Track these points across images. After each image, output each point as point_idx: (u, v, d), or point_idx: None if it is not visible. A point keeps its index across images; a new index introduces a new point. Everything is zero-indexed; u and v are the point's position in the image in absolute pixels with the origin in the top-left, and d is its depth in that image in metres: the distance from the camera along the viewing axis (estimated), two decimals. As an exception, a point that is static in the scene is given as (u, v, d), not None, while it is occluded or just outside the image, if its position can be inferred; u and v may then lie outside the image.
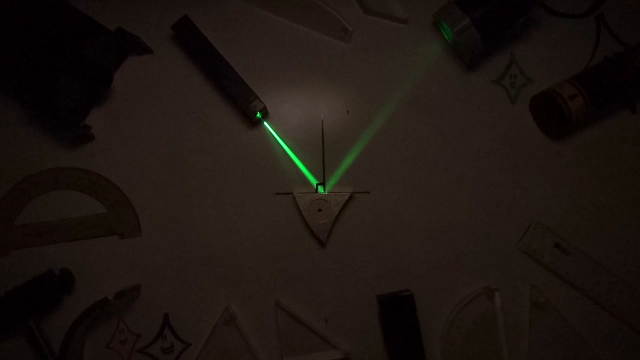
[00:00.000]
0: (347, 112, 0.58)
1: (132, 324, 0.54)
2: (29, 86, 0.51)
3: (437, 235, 0.56)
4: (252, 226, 0.56)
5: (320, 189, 0.56)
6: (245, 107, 0.55)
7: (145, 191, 0.56)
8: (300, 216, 0.55)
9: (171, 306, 0.55)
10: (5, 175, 0.55)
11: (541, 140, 0.58)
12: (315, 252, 0.56)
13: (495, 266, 0.56)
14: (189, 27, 0.55)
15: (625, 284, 0.55)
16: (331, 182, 0.56)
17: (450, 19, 0.54)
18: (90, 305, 0.51)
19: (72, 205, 0.55)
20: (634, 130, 0.59)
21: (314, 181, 0.56)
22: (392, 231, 0.56)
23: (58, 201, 0.55)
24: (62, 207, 0.55)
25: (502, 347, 0.54)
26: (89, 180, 0.55)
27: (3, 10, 0.49)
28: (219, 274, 0.55)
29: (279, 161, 0.57)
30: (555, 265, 0.56)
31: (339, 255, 0.56)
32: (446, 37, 0.58)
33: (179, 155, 0.56)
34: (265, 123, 0.57)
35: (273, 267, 0.55)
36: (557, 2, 0.60)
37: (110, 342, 0.54)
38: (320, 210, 0.55)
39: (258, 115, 0.55)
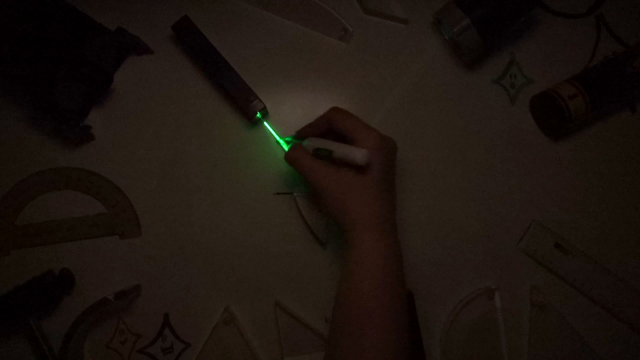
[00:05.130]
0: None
1: (132, 324, 0.54)
2: (29, 86, 0.51)
3: (436, 235, 0.56)
4: (252, 226, 0.56)
5: (320, 189, 0.56)
6: (245, 107, 0.55)
7: (145, 191, 0.56)
8: (300, 216, 0.55)
9: (171, 306, 0.55)
10: (5, 175, 0.55)
11: (541, 140, 0.58)
12: (315, 252, 0.56)
13: (495, 266, 0.56)
14: (189, 27, 0.55)
15: (625, 284, 0.56)
16: (331, 182, 0.56)
17: (450, 19, 0.54)
18: (90, 305, 0.51)
19: (72, 205, 0.55)
20: (634, 130, 0.59)
21: (314, 181, 0.56)
22: (392, 231, 0.56)
23: (58, 201, 0.55)
24: (62, 207, 0.55)
25: (502, 347, 0.54)
26: (89, 180, 0.55)
27: (3, 10, 0.49)
28: (219, 274, 0.55)
29: (279, 161, 0.57)
30: (555, 265, 0.56)
31: (339, 255, 0.56)
32: (446, 37, 0.58)
33: (178, 155, 0.56)
34: (265, 123, 0.57)
35: (273, 267, 0.55)
36: (557, 2, 0.60)
37: (110, 342, 0.54)
38: (320, 210, 0.55)
39: (258, 115, 0.55)
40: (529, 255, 0.56)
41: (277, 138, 0.57)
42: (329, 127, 0.48)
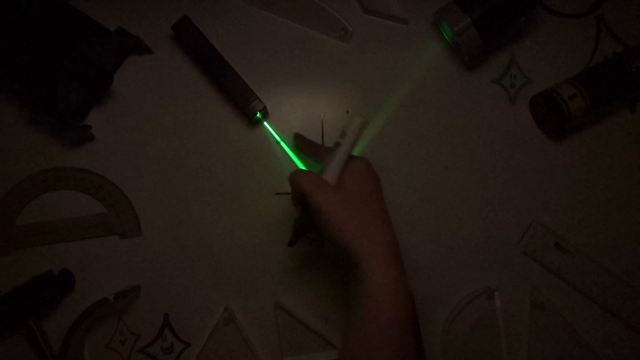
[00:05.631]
0: (347, 112, 0.58)
1: (132, 324, 0.54)
2: (29, 86, 0.51)
3: (437, 235, 0.56)
4: (252, 226, 0.56)
5: (320, 189, 0.56)
6: (245, 107, 0.55)
7: (145, 191, 0.56)
8: (300, 216, 0.55)
9: (171, 306, 0.55)
10: (5, 175, 0.55)
11: (541, 140, 0.58)
12: (315, 252, 0.56)
13: (495, 266, 0.56)
14: (189, 27, 0.55)
15: (625, 284, 0.55)
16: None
17: (450, 19, 0.54)
18: (90, 305, 0.51)
19: (72, 205, 0.55)
20: (634, 130, 0.59)
21: (314, 181, 0.56)
22: (392, 231, 0.56)
23: (58, 201, 0.55)
24: (62, 207, 0.55)
25: (502, 347, 0.54)
26: (89, 180, 0.55)
27: (3, 10, 0.49)
28: (219, 274, 0.55)
29: (279, 161, 0.57)
30: (555, 265, 0.56)
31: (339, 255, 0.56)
32: (446, 37, 0.58)
33: (178, 155, 0.56)
34: (265, 123, 0.57)
35: (273, 267, 0.55)
36: (557, 2, 0.60)
37: (110, 342, 0.54)
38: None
39: (258, 115, 0.55)
40: (529, 255, 0.56)
41: (277, 138, 0.57)
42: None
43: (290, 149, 0.56)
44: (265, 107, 0.55)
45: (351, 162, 0.45)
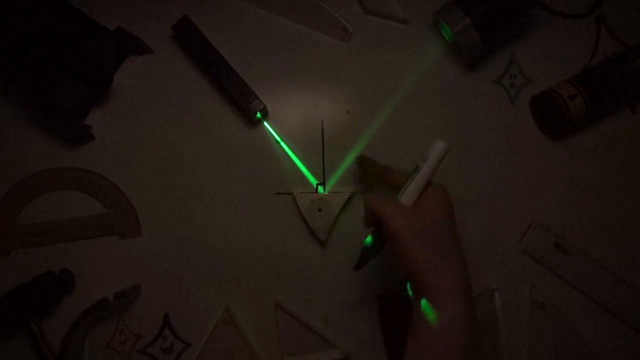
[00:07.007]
0: (347, 112, 0.58)
1: (132, 324, 0.54)
2: (29, 86, 0.51)
3: (437, 235, 0.56)
4: (252, 226, 0.56)
5: (320, 189, 0.56)
6: (245, 107, 0.55)
7: (145, 191, 0.56)
8: (300, 216, 0.55)
9: (171, 306, 0.55)
10: (5, 175, 0.55)
11: (541, 140, 0.58)
12: (315, 252, 0.56)
13: (495, 266, 0.56)
14: (189, 27, 0.55)
15: (625, 284, 0.55)
16: (331, 182, 0.56)
17: (450, 19, 0.54)
18: (90, 305, 0.51)
19: (72, 205, 0.55)
20: (634, 130, 0.59)
21: (314, 181, 0.56)
22: (392, 231, 0.56)
23: (58, 201, 0.55)
24: (62, 207, 0.55)
25: (502, 347, 0.54)
26: (89, 180, 0.55)
27: (3, 10, 0.49)
28: (219, 274, 0.55)
29: (279, 161, 0.57)
30: (555, 265, 0.56)
31: (339, 255, 0.56)
32: (446, 37, 0.58)
33: (179, 155, 0.56)
34: (265, 123, 0.57)
35: (273, 267, 0.55)
36: (557, 2, 0.60)
37: (110, 342, 0.54)
38: (320, 210, 0.55)
39: (258, 115, 0.55)
40: (529, 255, 0.56)
41: (277, 138, 0.57)
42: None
43: (290, 149, 0.57)
44: (265, 107, 0.55)
45: (429, 188, 0.42)
